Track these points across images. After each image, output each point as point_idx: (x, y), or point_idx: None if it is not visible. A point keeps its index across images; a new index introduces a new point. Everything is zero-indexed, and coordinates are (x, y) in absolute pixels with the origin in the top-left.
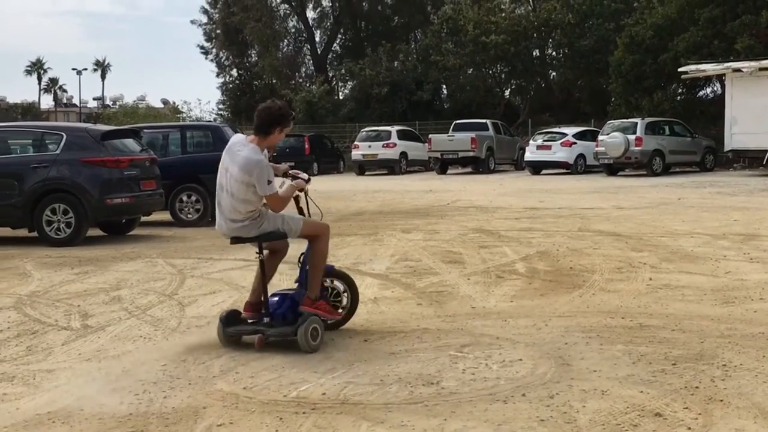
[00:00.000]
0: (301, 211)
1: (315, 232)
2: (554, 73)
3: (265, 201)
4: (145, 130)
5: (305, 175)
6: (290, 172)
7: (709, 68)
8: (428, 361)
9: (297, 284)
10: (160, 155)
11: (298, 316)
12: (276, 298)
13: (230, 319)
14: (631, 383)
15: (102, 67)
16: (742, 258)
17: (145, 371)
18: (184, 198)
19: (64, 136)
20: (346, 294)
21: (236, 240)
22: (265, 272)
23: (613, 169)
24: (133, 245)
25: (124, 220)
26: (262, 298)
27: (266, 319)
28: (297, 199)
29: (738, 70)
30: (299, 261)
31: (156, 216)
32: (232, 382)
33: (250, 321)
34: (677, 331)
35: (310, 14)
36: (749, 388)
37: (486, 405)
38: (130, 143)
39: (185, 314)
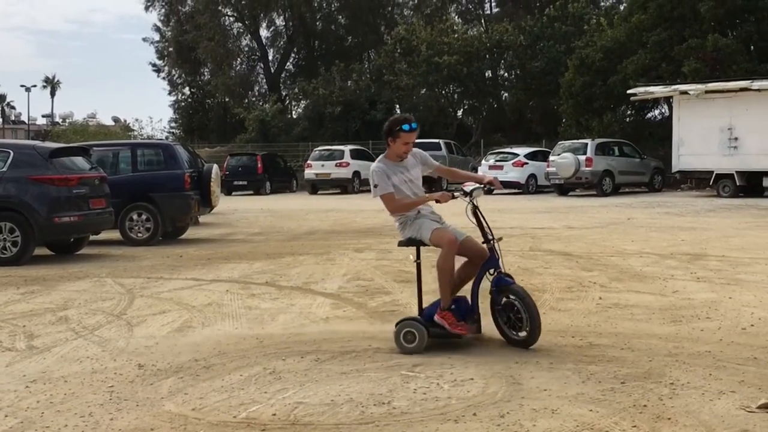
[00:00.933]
0: (480, 227)
1: (438, 243)
2: (506, 94)
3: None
4: (95, 148)
5: (470, 186)
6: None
7: (657, 90)
8: (380, 380)
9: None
10: (110, 173)
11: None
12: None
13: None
14: (580, 402)
15: (52, 84)
16: (690, 277)
17: (91, 393)
18: (135, 216)
19: (12, 154)
20: (525, 313)
21: None
22: (421, 276)
23: (563, 189)
24: (81, 264)
25: (72, 239)
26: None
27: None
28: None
29: (685, 92)
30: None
31: (105, 235)
32: (181, 404)
33: None
34: (626, 349)
35: (264, 33)
36: (696, 406)
37: (437, 424)
38: (79, 161)
39: (134, 334)
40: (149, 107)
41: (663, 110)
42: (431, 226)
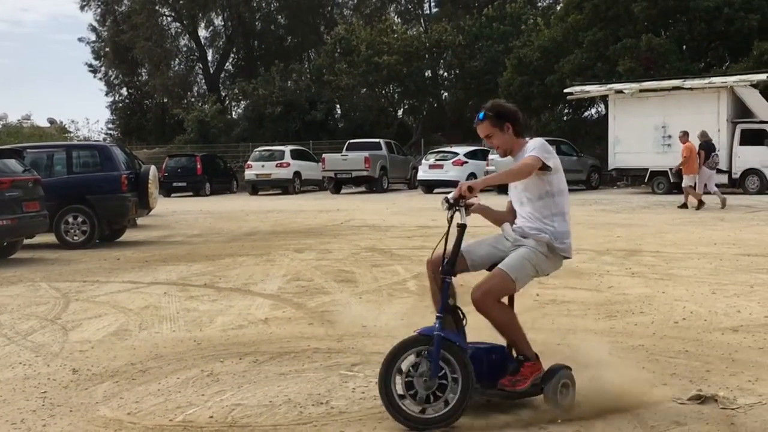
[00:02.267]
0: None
1: None
2: (446, 94)
3: None
4: (29, 150)
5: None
6: None
7: (593, 89)
8: (318, 380)
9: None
10: (44, 176)
11: None
12: None
13: None
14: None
15: None
16: (625, 273)
17: (23, 399)
18: (70, 219)
19: None
20: None
21: None
22: None
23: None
24: (14, 269)
25: (5, 243)
26: None
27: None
28: None
29: (620, 91)
30: None
31: (40, 238)
32: (116, 408)
33: None
34: (562, 345)
35: (202, 33)
36: (629, 400)
37: (375, 423)
38: (12, 163)
39: (68, 339)
40: (86, 108)
41: (599, 109)
42: None
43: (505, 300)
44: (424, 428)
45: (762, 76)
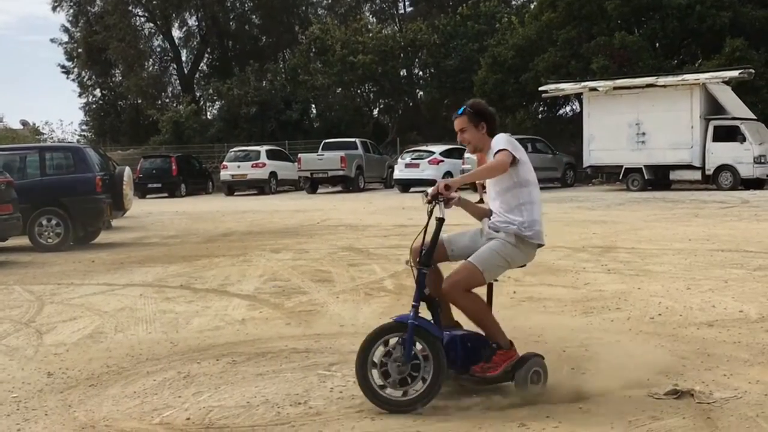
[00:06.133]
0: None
1: None
2: (421, 93)
3: None
4: (1, 152)
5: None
6: None
7: (568, 87)
8: (296, 381)
9: None
10: (17, 178)
11: None
12: None
13: None
14: (494, 395)
15: None
16: (600, 269)
17: None
18: (44, 222)
19: None
20: None
21: None
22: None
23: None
24: None
25: None
26: None
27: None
28: None
29: (594, 89)
30: None
31: (13, 241)
32: (92, 411)
33: None
34: (540, 342)
35: (176, 33)
36: (606, 395)
37: (353, 423)
38: None
39: (43, 342)
40: (59, 110)
41: (574, 107)
42: None
43: (478, 291)
44: (408, 409)
45: (734, 73)
